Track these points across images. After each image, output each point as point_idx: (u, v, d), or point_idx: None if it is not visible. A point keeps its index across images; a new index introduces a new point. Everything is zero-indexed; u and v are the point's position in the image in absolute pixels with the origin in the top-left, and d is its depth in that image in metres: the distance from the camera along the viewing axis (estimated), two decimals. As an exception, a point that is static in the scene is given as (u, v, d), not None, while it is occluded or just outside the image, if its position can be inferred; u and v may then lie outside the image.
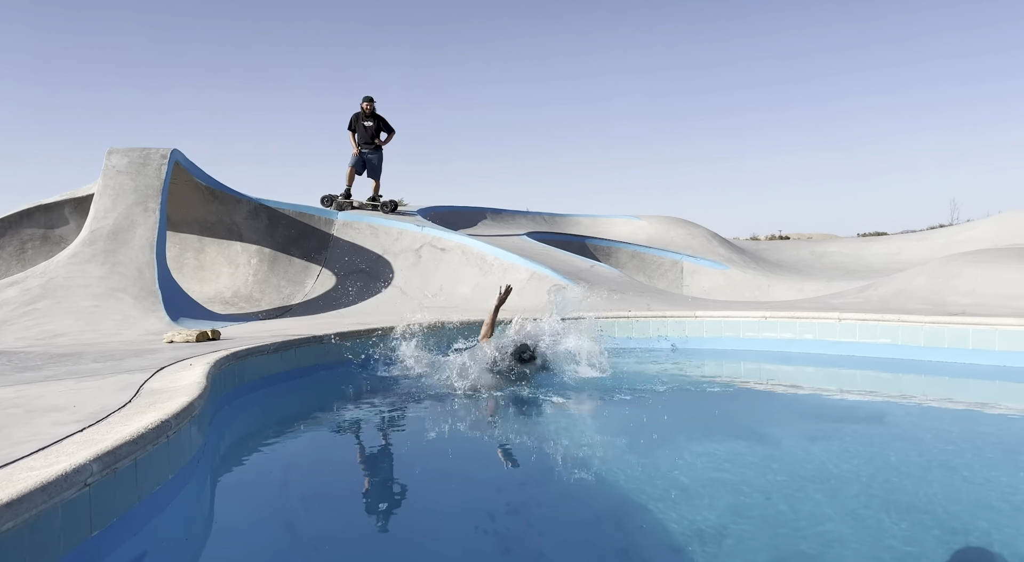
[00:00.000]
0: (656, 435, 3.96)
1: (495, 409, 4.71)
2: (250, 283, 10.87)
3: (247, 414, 4.35)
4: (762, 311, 7.06)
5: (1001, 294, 7.23)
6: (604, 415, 4.54)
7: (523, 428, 4.27)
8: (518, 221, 15.39)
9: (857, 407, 4.77)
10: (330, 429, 4.16)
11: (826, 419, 4.32)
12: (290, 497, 2.99)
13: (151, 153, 9.97)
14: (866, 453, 3.58)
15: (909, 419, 4.49)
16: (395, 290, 10.30)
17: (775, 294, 11.83)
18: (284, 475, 3.28)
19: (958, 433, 4.07)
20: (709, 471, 3.28)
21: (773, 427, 4.14)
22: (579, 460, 3.54)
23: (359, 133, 12.15)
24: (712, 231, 15.99)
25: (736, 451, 3.60)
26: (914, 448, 3.72)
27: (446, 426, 4.29)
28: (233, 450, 3.65)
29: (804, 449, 3.68)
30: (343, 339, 5.94)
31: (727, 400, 4.93)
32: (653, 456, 3.57)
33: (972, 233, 14.33)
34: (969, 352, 5.75)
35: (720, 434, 3.94)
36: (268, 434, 4.02)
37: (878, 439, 3.90)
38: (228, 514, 2.81)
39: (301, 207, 11.75)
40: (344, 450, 3.71)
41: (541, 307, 8.72)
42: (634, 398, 4.82)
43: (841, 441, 3.80)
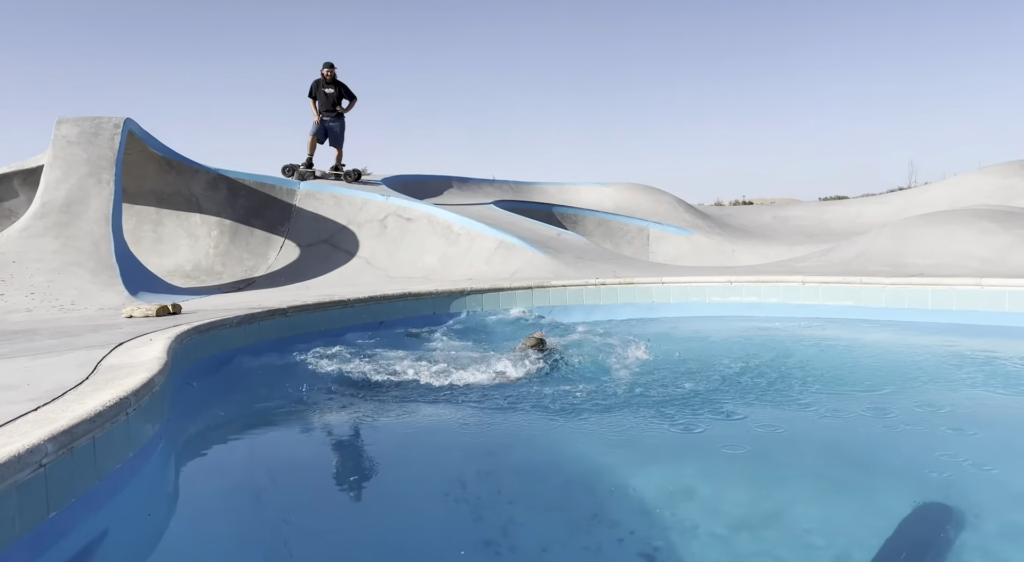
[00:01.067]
0: (633, 401, 3.98)
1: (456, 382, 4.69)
2: (211, 255, 10.63)
3: (210, 389, 4.26)
4: (727, 276, 7.13)
5: (957, 254, 7.41)
6: (573, 382, 4.56)
7: (487, 398, 4.26)
8: (485, 190, 15.26)
9: (824, 365, 4.86)
10: (295, 403, 4.10)
11: (795, 379, 4.39)
12: (256, 471, 2.94)
13: (103, 122, 9.59)
14: (834, 411, 3.65)
15: (871, 375, 4.58)
16: (360, 261, 10.17)
17: (740, 259, 11.97)
18: (249, 450, 3.23)
19: (918, 388, 4.17)
20: (677, 438, 3.32)
21: (739, 390, 4.20)
22: (547, 427, 3.55)
23: (320, 100, 11.85)
24: (677, 198, 16.06)
25: (705, 419, 3.64)
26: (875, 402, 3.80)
27: (412, 395, 4.26)
28: (196, 426, 3.58)
29: (770, 411, 3.74)
30: (306, 311, 5.85)
31: (697, 365, 4.98)
32: (627, 424, 3.60)
33: (930, 195, 14.63)
34: (928, 312, 5.90)
35: (691, 401, 3.98)
36: (232, 409, 3.95)
37: (846, 394, 3.98)
38: (192, 491, 2.76)
39: (262, 177, 11.46)
40: (310, 424, 3.67)
41: (508, 276, 8.71)
42: (605, 365, 4.84)
43: (808, 398, 3.87)
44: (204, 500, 2.65)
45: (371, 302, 6.41)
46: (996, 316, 5.60)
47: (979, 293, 5.72)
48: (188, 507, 2.62)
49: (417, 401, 4.14)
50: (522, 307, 7.14)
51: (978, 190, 13.58)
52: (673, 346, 5.67)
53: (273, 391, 4.41)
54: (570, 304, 7.22)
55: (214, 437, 3.44)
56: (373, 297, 6.44)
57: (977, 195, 13.17)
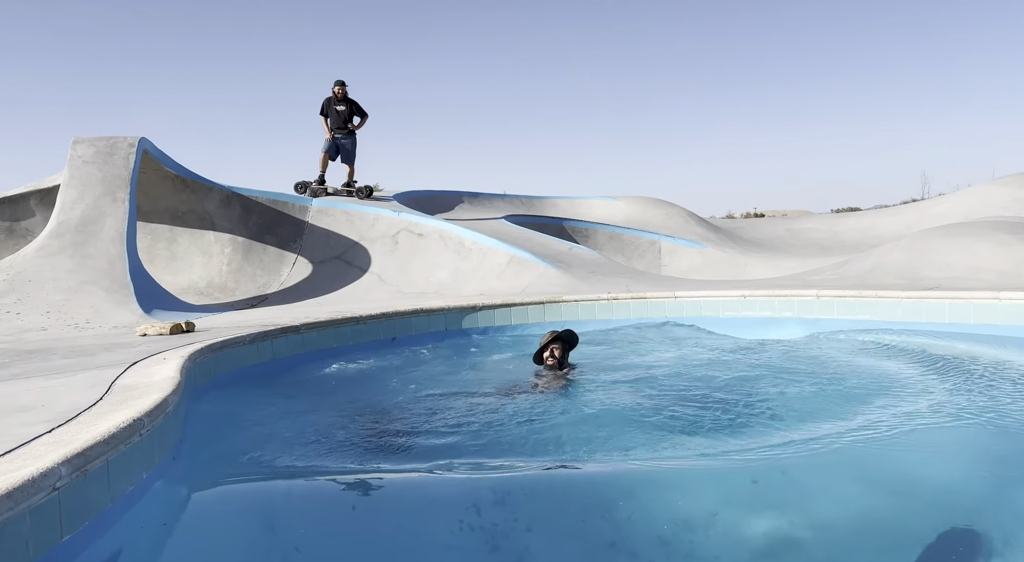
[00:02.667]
0: (651, 415, 3.94)
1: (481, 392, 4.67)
2: (224, 273, 10.69)
3: (224, 408, 4.26)
4: (741, 290, 7.08)
5: (974, 267, 7.32)
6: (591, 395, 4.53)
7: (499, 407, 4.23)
8: (496, 204, 15.28)
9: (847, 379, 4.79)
10: (309, 423, 4.08)
11: (824, 397, 4.33)
12: (270, 493, 2.92)
13: (118, 142, 9.71)
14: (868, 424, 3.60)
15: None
16: (372, 277, 10.19)
17: (752, 272, 11.90)
18: (264, 470, 3.22)
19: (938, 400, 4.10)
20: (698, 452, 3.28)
21: (755, 406, 4.15)
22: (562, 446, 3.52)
23: (331, 118, 11.96)
24: (689, 210, 16.01)
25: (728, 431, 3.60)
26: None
27: (430, 413, 4.24)
28: (210, 445, 3.57)
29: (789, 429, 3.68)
30: (318, 328, 5.85)
31: (711, 380, 4.93)
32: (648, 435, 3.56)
33: (944, 207, 14.50)
34: (946, 326, 5.82)
35: (711, 418, 3.94)
36: (246, 429, 3.94)
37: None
38: (206, 512, 2.74)
39: (274, 194, 11.54)
40: (326, 446, 3.64)
41: (520, 291, 8.69)
42: (620, 379, 4.81)
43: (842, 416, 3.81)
44: (217, 523, 2.63)
45: (383, 318, 6.41)
46: (1016, 330, 5.51)
47: (998, 307, 5.63)
48: (201, 529, 2.61)
49: (432, 420, 4.11)
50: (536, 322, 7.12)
51: (993, 201, 13.44)
52: (689, 359, 5.62)
53: (287, 410, 4.40)
54: (582, 319, 7.19)
55: (228, 458, 3.42)
56: (385, 313, 6.44)
57: (992, 206, 13.04)
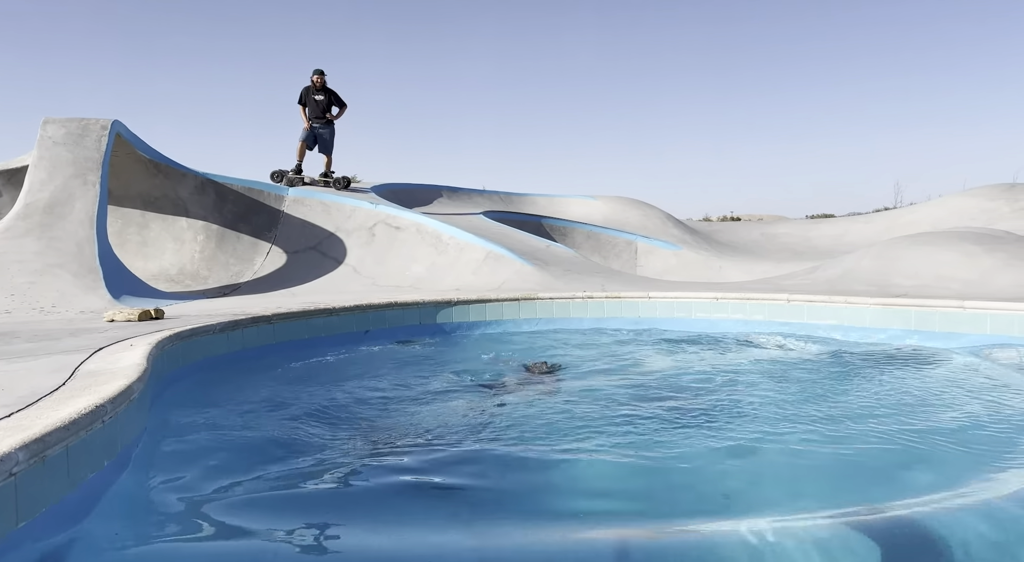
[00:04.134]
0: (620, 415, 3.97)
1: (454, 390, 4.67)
2: (196, 260, 10.54)
3: (191, 397, 4.20)
4: (714, 292, 7.16)
5: (941, 276, 7.48)
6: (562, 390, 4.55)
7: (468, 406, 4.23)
8: (475, 200, 15.26)
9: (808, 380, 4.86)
10: (278, 414, 4.05)
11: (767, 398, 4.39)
12: (235, 485, 2.90)
13: (90, 124, 9.51)
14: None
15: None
16: (348, 269, 10.12)
17: (727, 275, 12.03)
18: (230, 460, 3.19)
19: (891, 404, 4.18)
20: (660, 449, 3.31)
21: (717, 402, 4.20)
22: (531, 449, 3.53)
23: (310, 107, 11.85)
24: (666, 212, 16.13)
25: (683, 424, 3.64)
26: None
27: (401, 409, 4.23)
28: (176, 435, 3.52)
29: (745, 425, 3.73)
30: (290, 319, 5.80)
31: (678, 378, 4.98)
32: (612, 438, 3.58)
33: (915, 216, 14.78)
34: (912, 332, 5.94)
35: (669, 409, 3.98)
36: (214, 418, 3.90)
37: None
38: (170, 501, 2.71)
39: (250, 182, 11.40)
40: (294, 434, 3.62)
41: (496, 287, 8.69)
42: (603, 381, 4.83)
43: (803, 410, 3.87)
44: (181, 512, 2.60)
45: (356, 311, 6.37)
46: (978, 338, 5.64)
47: (961, 315, 5.76)
48: (164, 519, 2.57)
49: (401, 414, 4.10)
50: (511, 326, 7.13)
51: (962, 212, 13.74)
52: (658, 361, 5.67)
53: (256, 401, 4.36)
54: (557, 317, 7.22)
55: (195, 445, 3.39)
56: (359, 306, 6.40)
57: (961, 217, 13.32)
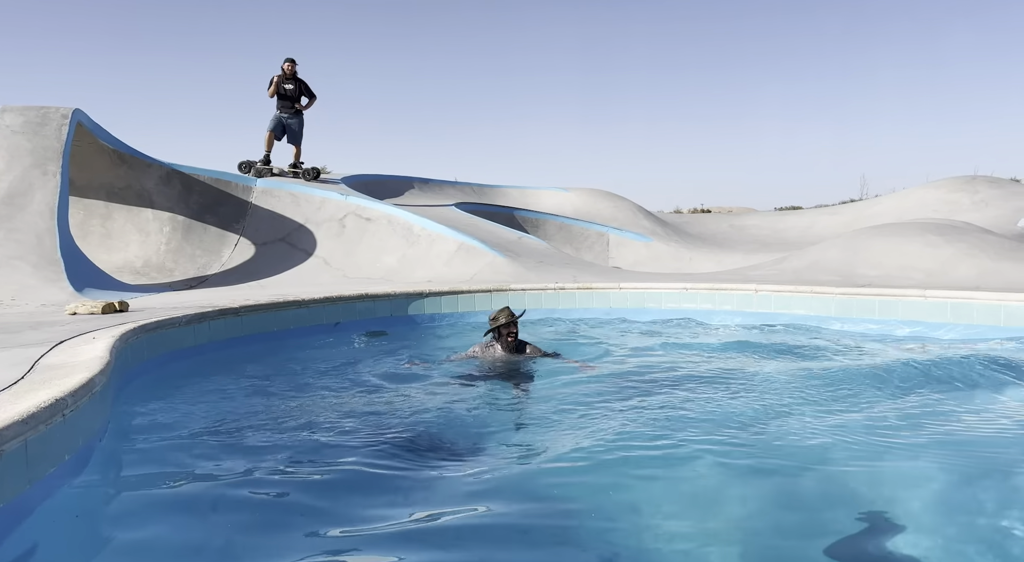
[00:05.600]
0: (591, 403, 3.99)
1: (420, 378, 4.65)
2: (162, 252, 10.35)
3: (157, 391, 4.13)
4: (683, 283, 7.23)
5: (904, 266, 7.65)
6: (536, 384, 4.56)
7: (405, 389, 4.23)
8: (446, 191, 15.19)
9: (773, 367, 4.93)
10: (245, 407, 4.00)
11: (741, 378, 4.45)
12: (199, 482, 2.85)
13: (50, 112, 9.26)
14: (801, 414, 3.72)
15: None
16: (318, 260, 10.02)
17: (696, 266, 12.15)
18: (196, 455, 3.14)
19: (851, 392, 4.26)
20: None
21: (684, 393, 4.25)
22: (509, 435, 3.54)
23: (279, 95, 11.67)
24: (637, 204, 16.22)
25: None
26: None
27: (369, 396, 4.21)
28: (141, 429, 3.46)
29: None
30: (259, 311, 5.73)
31: (647, 369, 5.02)
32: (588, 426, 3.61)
33: (880, 208, 15.07)
34: (876, 321, 6.07)
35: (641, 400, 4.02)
36: (180, 411, 3.84)
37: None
38: (133, 495, 2.66)
39: (217, 173, 11.21)
40: (262, 427, 3.57)
41: (468, 278, 8.67)
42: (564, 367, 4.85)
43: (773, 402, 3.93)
44: (145, 507, 2.55)
45: (327, 303, 6.31)
46: (939, 327, 5.78)
47: (923, 304, 5.90)
48: (128, 514, 2.53)
49: (373, 405, 4.08)
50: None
51: (924, 204, 14.04)
52: (629, 349, 5.71)
53: (222, 394, 4.30)
54: (529, 307, 7.22)
55: (159, 440, 3.33)
56: (329, 298, 6.34)
57: (923, 209, 13.61)
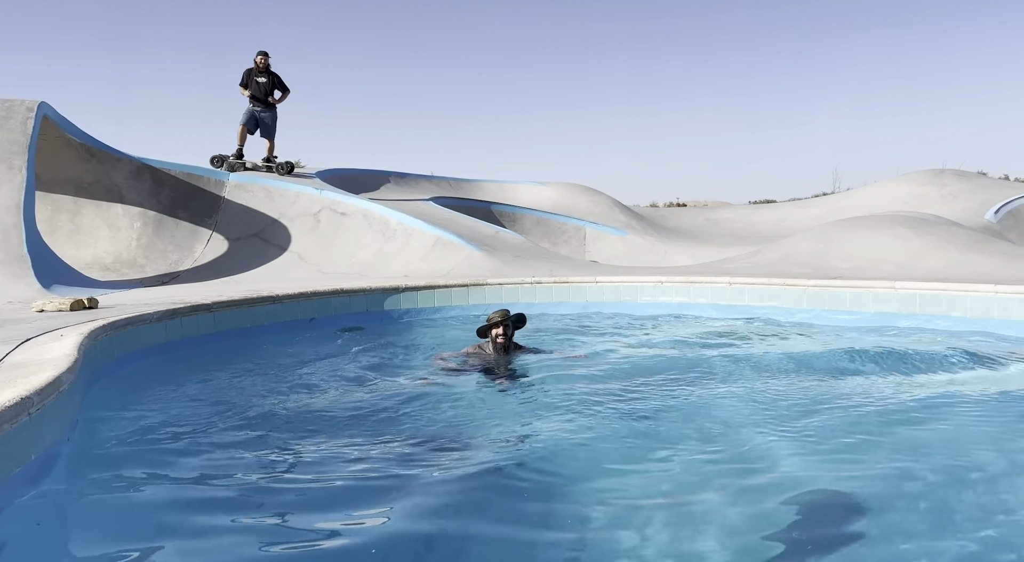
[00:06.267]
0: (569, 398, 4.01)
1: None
2: (133, 248, 10.18)
3: (127, 389, 4.06)
4: (658, 276, 7.28)
5: (875, 258, 7.77)
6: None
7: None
8: (423, 186, 15.11)
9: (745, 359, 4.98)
10: (218, 407, 3.94)
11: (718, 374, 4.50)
12: (172, 479, 2.81)
13: (15, 105, 9.04)
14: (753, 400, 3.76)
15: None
16: (292, 256, 9.92)
17: (672, 259, 12.23)
18: (166, 453, 3.09)
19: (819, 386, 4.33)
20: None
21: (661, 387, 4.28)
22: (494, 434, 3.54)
23: (252, 89, 11.53)
24: (613, 198, 16.28)
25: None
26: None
27: (344, 392, 4.18)
28: (110, 427, 3.40)
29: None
30: (232, 307, 5.66)
31: (622, 361, 5.05)
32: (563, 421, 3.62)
33: (851, 201, 15.28)
34: (847, 313, 6.16)
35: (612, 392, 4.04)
36: (151, 409, 3.78)
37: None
38: (102, 496, 2.62)
39: (189, 167, 11.04)
40: (235, 425, 3.53)
41: (445, 273, 8.65)
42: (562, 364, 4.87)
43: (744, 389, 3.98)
44: (114, 508, 2.51)
45: (301, 298, 6.25)
46: (908, 318, 5.89)
47: (893, 295, 6.00)
48: (95, 515, 2.49)
49: (349, 402, 4.05)
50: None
51: (895, 197, 14.27)
52: (606, 343, 5.74)
53: (195, 392, 4.24)
54: (506, 302, 7.22)
55: (129, 440, 3.28)
56: (303, 293, 6.28)
57: (894, 202, 13.83)
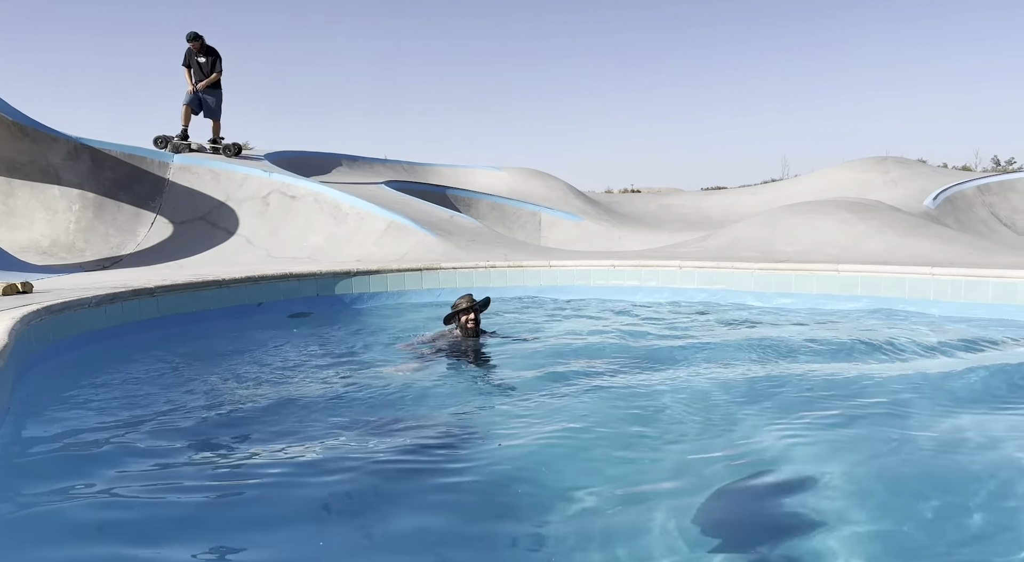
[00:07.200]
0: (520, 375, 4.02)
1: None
2: (72, 231, 9.79)
3: (63, 375, 3.92)
4: (611, 260, 7.35)
5: (819, 242, 7.98)
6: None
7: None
8: (376, 169, 14.90)
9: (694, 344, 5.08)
10: (162, 393, 3.83)
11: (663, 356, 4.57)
12: (109, 466, 2.73)
13: (-60, 80, 8.58)
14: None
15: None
16: (240, 240, 9.69)
17: (625, 244, 12.35)
18: (103, 442, 3.00)
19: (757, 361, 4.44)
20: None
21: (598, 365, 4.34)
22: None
23: (194, 69, 11.14)
24: (569, 184, 16.32)
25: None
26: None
27: (292, 379, 4.12)
28: (45, 415, 3.28)
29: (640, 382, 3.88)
30: (176, 291, 5.50)
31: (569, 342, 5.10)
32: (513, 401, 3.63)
33: (799, 187, 15.64)
34: (792, 295, 6.32)
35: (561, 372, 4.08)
36: (88, 396, 3.66)
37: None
38: (36, 486, 2.52)
39: (130, 148, 10.65)
40: (177, 413, 3.44)
41: (398, 257, 8.56)
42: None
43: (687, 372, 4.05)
44: (49, 500, 2.42)
45: (249, 282, 6.12)
46: (849, 299, 6.08)
47: (836, 278, 6.18)
48: (28, 506, 2.40)
49: (299, 389, 3.99)
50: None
51: (840, 183, 14.67)
52: (557, 324, 5.78)
53: (137, 379, 4.12)
54: (460, 286, 7.19)
55: (66, 428, 3.16)
56: (251, 277, 6.15)
57: (839, 188, 14.22)
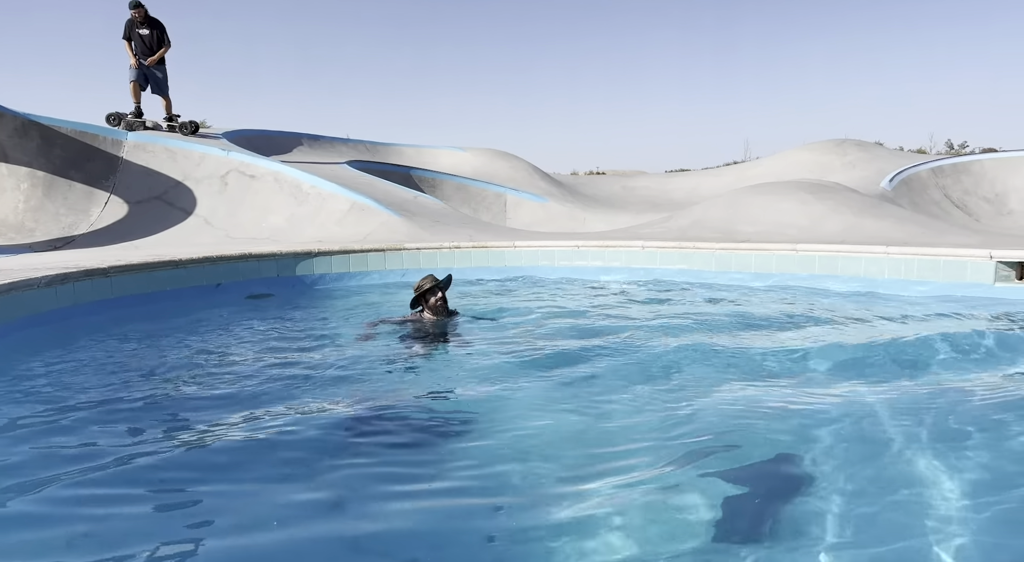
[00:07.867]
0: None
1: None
2: (20, 210, 9.46)
3: (10, 360, 3.80)
4: (575, 241, 7.37)
5: (779, 222, 8.10)
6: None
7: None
8: (338, 149, 14.68)
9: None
10: (116, 373, 3.74)
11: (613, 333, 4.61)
12: (61, 453, 2.65)
13: None
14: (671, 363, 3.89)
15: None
16: (198, 220, 9.47)
17: (590, 226, 12.40)
18: (54, 427, 2.91)
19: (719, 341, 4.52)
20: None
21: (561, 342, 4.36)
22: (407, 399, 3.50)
23: (136, 42, 10.68)
24: (534, 165, 16.29)
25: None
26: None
27: (251, 360, 4.05)
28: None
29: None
30: (130, 272, 5.36)
31: (541, 321, 5.11)
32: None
33: (760, 169, 15.85)
34: (752, 274, 6.42)
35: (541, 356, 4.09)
36: (37, 380, 3.55)
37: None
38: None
39: (83, 125, 10.29)
40: (131, 397, 3.36)
41: (361, 238, 8.46)
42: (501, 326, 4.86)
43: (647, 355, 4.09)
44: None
45: (207, 263, 5.99)
46: (807, 278, 6.20)
47: (794, 257, 6.29)
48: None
49: (262, 372, 3.93)
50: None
51: (800, 165, 14.89)
52: (523, 304, 5.78)
53: (86, 360, 4.01)
54: (424, 267, 7.15)
55: (10, 414, 3.06)
56: (209, 257, 6.02)
57: (799, 169, 14.44)
